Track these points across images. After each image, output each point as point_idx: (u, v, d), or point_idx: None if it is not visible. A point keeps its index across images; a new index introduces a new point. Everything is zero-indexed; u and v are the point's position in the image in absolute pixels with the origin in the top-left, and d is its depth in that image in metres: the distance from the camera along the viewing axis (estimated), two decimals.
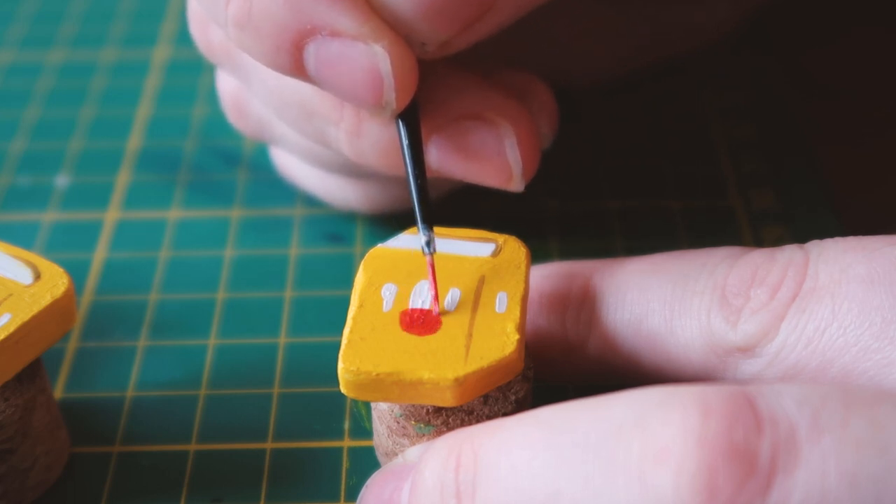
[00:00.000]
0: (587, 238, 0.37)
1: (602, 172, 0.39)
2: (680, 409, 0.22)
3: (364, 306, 0.28)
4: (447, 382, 0.26)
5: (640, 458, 0.22)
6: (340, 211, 0.38)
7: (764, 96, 0.42)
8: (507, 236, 0.29)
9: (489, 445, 0.25)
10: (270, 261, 0.36)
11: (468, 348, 0.27)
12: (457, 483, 0.25)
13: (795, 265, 0.27)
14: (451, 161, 0.30)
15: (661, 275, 0.29)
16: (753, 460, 0.21)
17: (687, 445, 0.21)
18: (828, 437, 0.21)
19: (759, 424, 0.21)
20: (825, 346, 0.26)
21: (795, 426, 0.21)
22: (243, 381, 0.32)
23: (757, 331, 0.27)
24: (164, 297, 0.35)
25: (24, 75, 0.45)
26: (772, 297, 0.27)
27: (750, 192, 0.38)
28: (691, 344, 0.28)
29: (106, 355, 0.33)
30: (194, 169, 0.40)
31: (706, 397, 0.22)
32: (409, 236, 0.30)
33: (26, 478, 0.29)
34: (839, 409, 0.21)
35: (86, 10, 0.48)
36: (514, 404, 0.28)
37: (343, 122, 0.30)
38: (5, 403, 0.28)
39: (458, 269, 0.29)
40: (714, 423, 0.21)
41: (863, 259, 0.27)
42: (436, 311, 0.28)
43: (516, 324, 0.27)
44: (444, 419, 0.28)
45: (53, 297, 0.28)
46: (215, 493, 0.30)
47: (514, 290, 0.28)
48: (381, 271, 0.29)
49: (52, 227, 0.38)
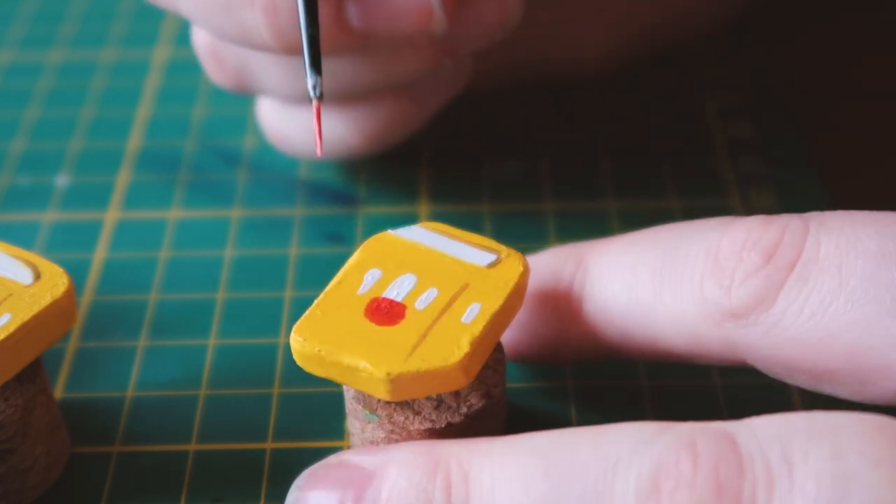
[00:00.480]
0: (587, 238, 0.36)
1: (602, 172, 0.39)
2: (672, 451, 0.23)
3: (341, 284, 0.28)
4: (380, 375, 0.26)
5: (637, 495, 0.23)
6: (340, 211, 0.38)
7: (764, 96, 0.42)
8: (512, 252, 0.29)
9: (481, 468, 0.24)
10: (270, 261, 0.36)
11: (415, 348, 0.26)
12: (447, 503, 0.24)
13: (792, 231, 0.27)
14: (371, 14, 0.31)
15: (652, 244, 0.29)
16: (738, 499, 0.22)
17: (679, 487, 0.22)
18: (795, 469, 0.22)
19: (740, 465, 0.22)
20: (829, 321, 0.26)
21: (769, 463, 0.22)
22: (243, 381, 0.32)
23: (752, 296, 0.26)
24: (164, 297, 0.35)
25: (24, 75, 0.45)
26: (766, 260, 0.26)
27: (750, 192, 0.38)
28: (682, 314, 0.28)
29: (106, 355, 0.33)
30: (194, 169, 0.40)
31: (693, 439, 0.23)
32: (422, 230, 0.29)
33: (26, 478, 0.29)
34: (803, 443, 0.22)
35: (86, 10, 0.48)
36: (466, 418, 0.27)
37: (257, 2, 0.31)
38: (5, 403, 0.28)
39: (446, 271, 0.28)
40: (703, 465, 0.23)
41: (874, 234, 0.26)
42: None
43: (473, 338, 0.26)
44: (388, 412, 0.27)
45: (53, 297, 0.28)
46: (215, 493, 0.30)
47: (489, 304, 0.27)
48: (375, 255, 0.29)
49: (52, 227, 0.38)
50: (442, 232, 0.29)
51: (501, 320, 0.28)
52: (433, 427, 0.27)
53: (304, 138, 0.37)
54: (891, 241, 0.26)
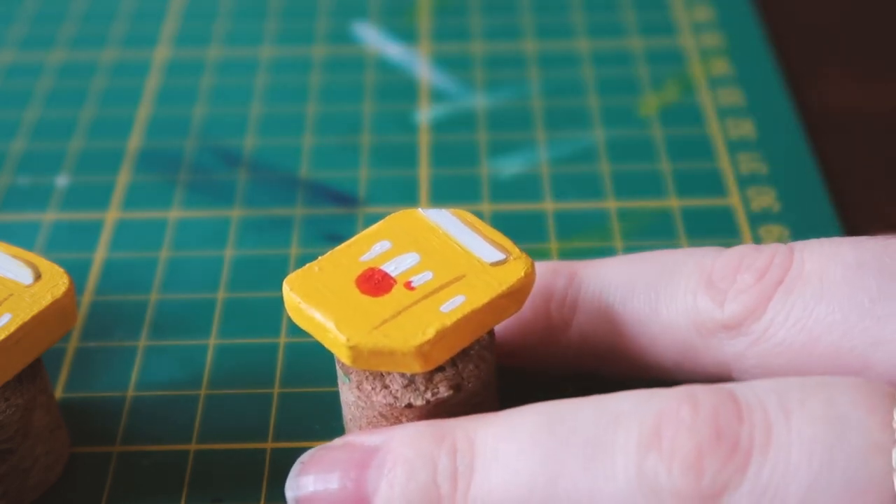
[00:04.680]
0: (587, 238, 0.37)
1: (602, 172, 0.39)
2: (673, 402, 0.24)
3: (350, 247, 0.29)
4: (342, 340, 0.26)
5: (638, 443, 0.24)
6: (340, 211, 0.38)
7: (764, 97, 0.42)
8: (524, 257, 0.28)
9: (485, 433, 0.25)
10: (270, 261, 0.36)
11: (384, 323, 0.27)
12: (453, 466, 0.25)
13: (781, 255, 0.28)
14: None
15: (647, 263, 0.30)
16: (736, 443, 0.23)
17: (679, 433, 0.23)
18: (792, 415, 0.23)
19: (739, 412, 0.23)
20: (812, 324, 0.27)
21: (767, 410, 0.23)
22: (243, 381, 0.32)
23: (743, 309, 0.28)
24: (164, 297, 0.35)
25: (24, 75, 0.45)
26: (758, 280, 0.28)
27: (749, 192, 0.38)
28: (675, 323, 0.29)
29: (106, 355, 0.33)
30: (194, 169, 0.40)
31: (693, 391, 0.24)
32: (448, 215, 0.29)
33: (26, 478, 0.29)
34: (797, 393, 0.23)
35: (86, 10, 0.48)
36: (428, 403, 0.27)
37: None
38: (6, 403, 0.28)
39: (450, 259, 0.28)
40: (703, 411, 0.23)
41: (850, 248, 0.27)
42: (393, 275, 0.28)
43: (442, 327, 0.26)
44: (359, 379, 0.28)
45: (54, 297, 0.28)
46: (215, 493, 0.30)
47: (473, 299, 0.27)
48: (393, 228, 0.29)
49: (53, 227, 0.38)
50: (466, 221, 0.29)
51: (484, 319, 0.27)
52: (394, 404, 0.27)
53: None
54: (867, 253, 0.27)
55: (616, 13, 0.47)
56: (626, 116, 0.42)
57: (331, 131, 0.41)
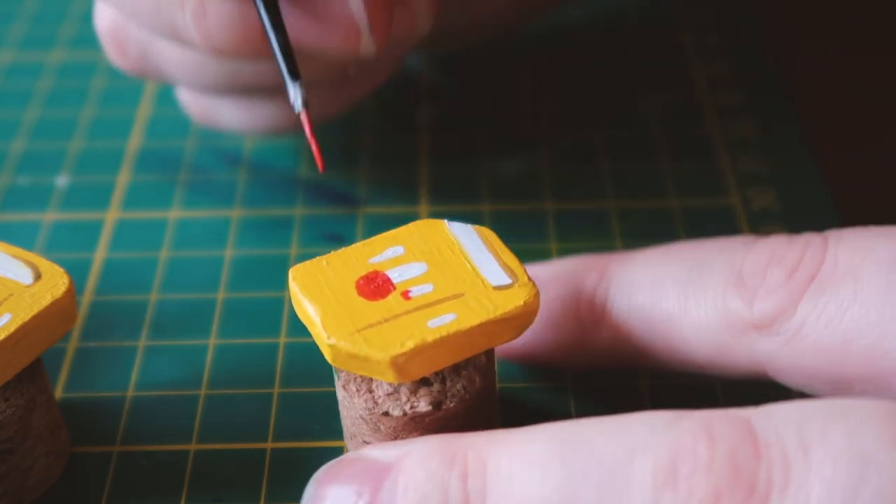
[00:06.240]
0: (587, 238, 0.37)
1: (602, 172, 0.39)
2: (689, 435, 0.23)
3: (363, 247, 0.29)
4: (323, 338, 0.27)
5: (654, 480, 0.23)
6: (340, 211, 0.38)
7: (764, 96, 0.42)
8: (529, 286, 0.28)
9: (498, 456, 0.25)
10: (270, 261, 0.36)
11: (368, 328, 0.27)
12: (465, 492, 0.24)
13: (813, 248, 0.28)
14: (302, 27, 0.31)
15: (677, 260, 0.29)
16: (754, 483, 0.22)
17: (696, 471, 0.22)
18: (811, 451, 0.22)
19: (756, 449, 0.22)
20: (846, 326, 0.26)
21: (785, 446, 0.22)
22: (243, 381, 0.32)
23: (774, 307, 0.27)
24: (164, 297, 0.35)
25: (24, 75, 0.45)
26: (789, 276, 0.27)
27: (750, 192, 0.38)
28: (706, 323, 0.28)
29: (106, 355, 0.33)
30: (194, 169, 0.40)
31: (710, 423, 0.23)
32: (470, 231, 0.29)
33: (26, 478, 0.29)
34: (818, 424, 0.22)
35: (86, 11, 0.48)
36: (405, 415, 0.27)
37: (188, 3, 0.31)
38: (6, 403, 0.28)
39: (456, 275, 0.28)
40: (720, 449, 0.23)
41: (886, 244, 0.27)
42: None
43: (422, 342, 0.26)
44: (346, 379, 0.28)
45: (54, 297, 0.28)
46: (215, 493, 0.30)
47: (463, 319, 0.27)
48: (412, 236, 0.29)
49: (53, 227, 0.38)
50: (485, 240, 0.29)
51: (473, 341, 0.27)
52: (373, 409, 0.27)
53: (227, 118, 0.37)
54: None
55: (617, 13, 0.47)
56: (627, 116, 0.42)
57: (331, 131, 0.41)
